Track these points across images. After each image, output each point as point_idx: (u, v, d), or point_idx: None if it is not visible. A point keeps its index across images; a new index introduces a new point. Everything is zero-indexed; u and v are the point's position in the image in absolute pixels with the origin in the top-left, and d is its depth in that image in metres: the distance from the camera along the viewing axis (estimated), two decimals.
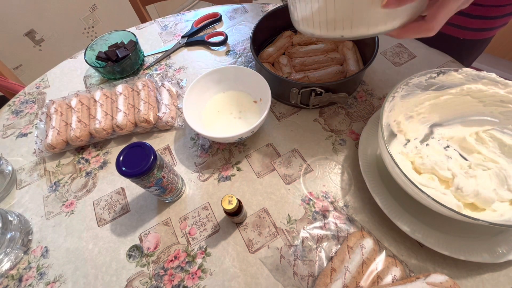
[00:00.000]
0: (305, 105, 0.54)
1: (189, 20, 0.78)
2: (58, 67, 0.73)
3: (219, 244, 0.45)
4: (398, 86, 0.43)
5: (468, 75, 0.44)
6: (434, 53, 0.62)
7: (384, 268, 0.38)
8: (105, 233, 0.48)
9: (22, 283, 0.44)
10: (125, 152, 0.39)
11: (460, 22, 0.60)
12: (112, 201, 0.51)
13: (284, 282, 0.40)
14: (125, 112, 0.56)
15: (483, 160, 0.45)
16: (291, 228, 0.45)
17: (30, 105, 0.66)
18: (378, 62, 0.62)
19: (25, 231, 0.48)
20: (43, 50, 1.46)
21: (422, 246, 0.41)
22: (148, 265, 0.44)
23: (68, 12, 1.43)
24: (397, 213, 0.41)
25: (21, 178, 0.55)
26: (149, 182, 0.40)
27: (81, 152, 0.57)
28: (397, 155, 0.46)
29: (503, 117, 0.46)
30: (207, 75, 0.55)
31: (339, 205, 0.46)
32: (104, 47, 0.68)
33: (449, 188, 0.43)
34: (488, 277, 0.39)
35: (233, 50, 0.69)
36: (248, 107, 0.56)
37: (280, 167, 0.51)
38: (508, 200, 0.41)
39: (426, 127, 0.49)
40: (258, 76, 0.53)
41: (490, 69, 1.39)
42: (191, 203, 0.49)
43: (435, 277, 0.35)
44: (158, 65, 0.69)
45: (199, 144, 0.55)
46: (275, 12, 0.60)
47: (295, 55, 0.60)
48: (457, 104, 0.47)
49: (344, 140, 0.53)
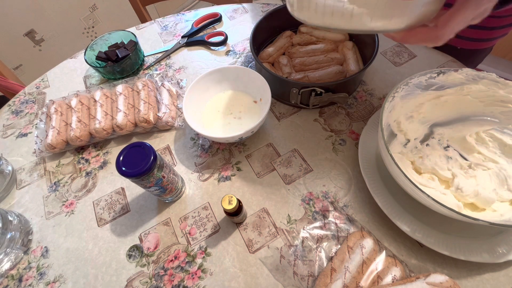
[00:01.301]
0: (305, 105, 0.54)
1: (189, 20, 0.78)
2: (58, 67, 0.73)
3: (219, 244, 0.45)
4: (398, 86, 0.43)
5: (468, 75, 0.44)
6: (434, 53, 0.62)
7: (384, 268, 0.38)
8: (105, 233, 0.48)
9: (22, 283, 0.44)
10: (125, 152, 0.39)
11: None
12: (112, 201, 0.51)
13: (284, 282, 0.40)
14: (125, 112, 0.56)
15: (483, 160, 0.45)
16: (291, 228, 0.45)
17: (30, 105, 0.66)
18: (378, 62, 0.62)
19: (25, 231, 0.48)
20: (43, 50, 1.46)
21: (422, 246, 0.41)
22: (148, 265, 0.44)
23: (68, 12, 1.43)
24: (397, 213, 0.41)
25: (21, 178, 0.55)
26: (149, 182, 0.40)
27: (81, 152, 0.57)
28: (397, 155, 0.46)
29: (503, 117, 0.46)
30: (207, 75, 0.55)
31: (339, 205, 0.46)
32: (104, 47, 0.68)
33: (449, 188, 0.43)
34: (488, 277, 0.39)
35: (233, 50, 0.69)
36: (248, 107, 0.56)
37: (280, 167, 0.51)
38: (508, 200, 0.41)
39: (426, 127, 0.49)
40: (258, 76, 0.53)
41: (490, 69, 1.39)
42: (191, 203, 0.49)
43: (435, 277, 0.35)
44: (158, 65, 0.69)
45: (199, 144, 0.55)
46: (275, 12, 0.60)
47: (295, 55, 0.60)
48: (457, 104, 0.47)
49: (344, 140, 0.53)
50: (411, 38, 0.29)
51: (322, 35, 0.62)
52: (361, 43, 0.60)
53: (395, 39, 0.30)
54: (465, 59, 0.61)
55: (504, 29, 0.57)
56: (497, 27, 0.56)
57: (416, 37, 0.28)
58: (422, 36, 0.28)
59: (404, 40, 0.29)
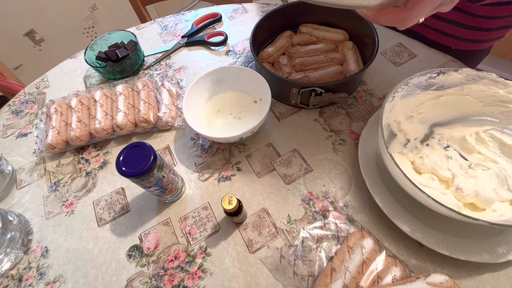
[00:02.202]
0: (305, 105, 0.54)
1: (189, 20, 0.78)
2: (58, 67, 0.73)
3: (219, 244, 0.45)
4: (398, 86, 0.43)
5: (468, 75, 0.44)
6: (434, 53, 0.62)
7: (384, 268, 0.38)
8: (105, 233, 0.48)
9: (22, 283, 0.44)
10: (125, 152, 0.39)
11: (452, 31, 0.59)
12: (112, 201, 0.51)
13: (284, 282, 0.40)
14: (125, 112, 0.56)
15: (483, 160, 0.45)
16: (291, 228, 0.45)
17: (30, 105, 0.66)
18: (378, 62, 0.62)
19: (25, 231, 0.48)
20: (43, 50, 1.46)
21: (422, 246, 0.41)
22: (148, 265, 0.44)
23: (68, 12, 1.43)
24: (397, 213, 0.41)
25: (21, 178, 0.55)
26: (149, 182, 0.40)
27: (81, 152, 0.57)
28: (397, 155, 0.46)
29: (503, 117, 0.46)
30: (207, 75, 0.55)
31: (339, 205, 0.46)
32: (104, 47, 0.68)
33: (449, 188, 0.43)
34: (488, 277, 0.39)
35: (233, 50, 0.69)
36: (248, 107, 0.56)
37: (280, 167, 0.51)
38: (508, 200, 0.41)
39: (426, 127, 0.49)
40: (258, 76, 0.53)
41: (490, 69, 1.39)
42: (191, 203, 0.49)
43: (435, 277, 0.35)
44: (158, 65, 0.69)
45: (199, 144, 0.55)
46: (275, 12, 0.60)
47: (295, 55, 0.60)
48: (457, 104, 0.47)
49: (344, 140, 0.53)
50: (382, 17, 0.29)
51: (322, 35, 0.62)
52: (361, 43, 0.60)
53: (367, 17, 0.30)
54: (462, 60, 0.61)
55: (500, 30, 0.56)
56: (493, 29, 0.56)
57: (386, 16, 0.29)
58: (391, 16, 0.28)
59: (375, 19, 0.30)
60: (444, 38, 0.61)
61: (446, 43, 0.62)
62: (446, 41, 0.61)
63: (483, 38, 0.58)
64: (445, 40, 0.61)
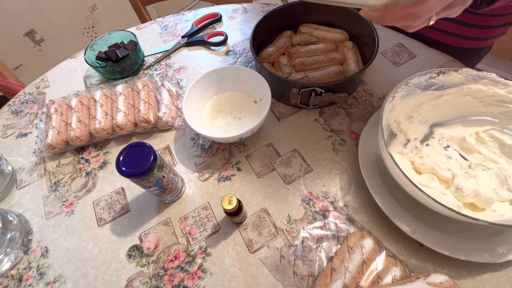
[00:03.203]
0: (305, 105, 0.54)
1: (189, 20, 0.78)
2: (58, 67, 0.73)
3: (219, 244, 0.45)
4: (398, 86, 0.43)
5: (468, 75, 0.44)
6: (434, 53, 0.62)
7: (384, 268, 0.38)
8: (105, 233, 0.48)
9: (22, 283, 0.44)
10: (125, 152, 0.39)
11: (455, 30, 0.59)
12: (112, 201, 0.51)
13: (284, 282, 0.40)
14: (125, 112, 0.56)
15: (483, 160, 0.45)
16: (291, 228, 0.45)
17: (30, 105, 0.66)
18: (378, 62, 0.62)
19: (25, 231, 0.48)
20: (43, 50, 1.46)
21: (422, 246, 0.41)
22: (148, 265, 0.44)
23: (68, 12, 1.43)
24: (397, 213, 0.41)
25: (21, 178, 0.55)
26: (149, 182, 0.40)
27: (81, 152, 0.57)
28: (397, 155, 0.46)
29: (503, 117, 0.46)
30: (207, 75, 0.55)
31: (339, 205, 0.46)
32: (104, 47, 0.68)
33: (449, 188, 0.43)
34: (488, 277, 0.39)
35: (233, 50, 0.69)
36: (248, 107, 0.56)
37: (280, 167, 0.51)
38: (508, 200, 0.41)
39: (426, 127, 0.49)
40: (258, 76, 0.53)
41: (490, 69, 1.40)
42: (191, 203, 0.49)
43: (435, 277, 0.35)
44: (158, 65, 0.69)
45: (199, 144, 0.55)
46: (275, 12, 0.60)
47: (295, 55, 0.60)
48: (457, 104, 0.47)
49: (344, 140, 0.53)
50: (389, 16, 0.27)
51: (322, 35, 0.62)
52: (361, 43, 0.60)
53: (372, 18, 0.29)
54: (464, 58, 0.61)
55: (502, 28, 0.57)
56: (495, 26, 0.56)
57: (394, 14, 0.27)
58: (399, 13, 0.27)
59: (381, 20, 0.28)
60: (447, 37, 0.61)
61: (449, 42, 0.62)
62: (449, 40, 0.62)
63: (485, 36, 0.59)
64: (448, 39, 0.61)
